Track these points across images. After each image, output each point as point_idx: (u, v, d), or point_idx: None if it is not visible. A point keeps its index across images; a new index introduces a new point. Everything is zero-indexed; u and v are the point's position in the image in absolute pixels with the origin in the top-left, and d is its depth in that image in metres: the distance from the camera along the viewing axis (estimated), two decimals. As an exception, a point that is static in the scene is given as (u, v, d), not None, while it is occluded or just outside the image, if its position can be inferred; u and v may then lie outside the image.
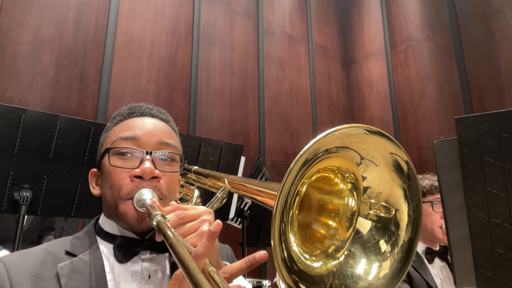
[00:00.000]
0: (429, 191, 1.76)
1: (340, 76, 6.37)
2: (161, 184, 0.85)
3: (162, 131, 0.91)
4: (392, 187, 0.78)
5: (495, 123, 0.83)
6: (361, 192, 0.82)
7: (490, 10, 4.67)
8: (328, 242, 0.81)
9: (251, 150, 4.79)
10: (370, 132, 0.73)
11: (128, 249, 0.83)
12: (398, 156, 0.77)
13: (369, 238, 0.80)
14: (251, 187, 0.93)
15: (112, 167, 0.84)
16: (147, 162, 0.83)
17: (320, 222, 0.84)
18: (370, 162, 0.78)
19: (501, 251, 0.82)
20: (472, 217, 0.85)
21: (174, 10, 4.60)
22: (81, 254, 0.81)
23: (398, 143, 0.76)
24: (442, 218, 1.71)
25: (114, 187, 0.84)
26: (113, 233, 0.87)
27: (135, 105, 0.95)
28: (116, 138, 0.88)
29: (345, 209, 0.82)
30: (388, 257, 0.78)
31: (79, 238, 0.87)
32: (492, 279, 0.83)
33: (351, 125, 0.70)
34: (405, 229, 0.78)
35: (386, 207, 0.79)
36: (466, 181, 0.86)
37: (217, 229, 0.65)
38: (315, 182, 0.82)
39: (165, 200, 0.86)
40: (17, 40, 3.50)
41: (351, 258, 0.79)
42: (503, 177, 0.82)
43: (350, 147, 0.76)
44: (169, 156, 0.88)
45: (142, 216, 0.82)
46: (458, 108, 4.77)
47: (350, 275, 0.77)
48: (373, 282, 0.76)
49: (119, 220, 0.85)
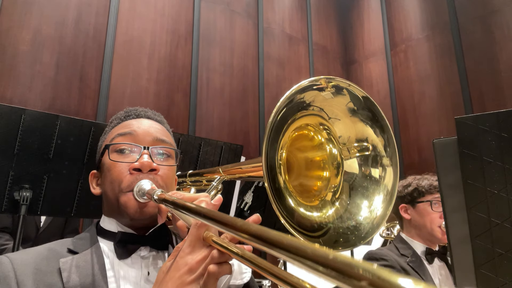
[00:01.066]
0: (428, 190, 1.76)
1: (340, 76, 6.36)
2: (158, 176, 0.89)
3: (157, 130, 0.96)
4: (355, 127, 0.90)
5: (495, 123, 0.83)
6: (337, 139, 0.92)
7: (490, 10, 4.67)
8: (324, 192, 0.90)
9: (251, 150, 4.79)
10: (334, 94, 0.86)
11: (128, 244, 0.85)
12: (349, 102, 0.88)
13: (362, 174, 0.89)
14: (243, 167, 1.00)
15: (112, 162, 0.89)
16: (145, 156, 0.88)
17: (312, 177, 0.93)
18: (334, 119, 0.90)
19: (501, 251, 0.82)
20: (472, 217, 0.85)
21: (174, 10, 4.60)
22: (82, 252, 0.84)
23: (352, 83, 0.87)
24: (441, 217, 1.71)
25: (114, 181, 0.87)
26: (113, 230, 0.89)
27: (131, 109, 1.01)
28: (114, 135, 0.93)
29: (330, 158, 0.92)
30: (384, 177, 0.87)
31: (80, 238, 0.90)
32: (492, 279, 0.83)
33: (322, 82, 0.83)
34: (381, 144, 0.88)
35: (361, 144, 0.90)
36: (466, 181, 0.86)
37: (219, 202, 0.73)
38: (295, 143, 0.91)
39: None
40: (17, 40, 3.50)
41: (350, 197, 0.88)
42: (503, 177, 0.82)
43: (322, 107, 0.88)
44: (165, 151, 0.94)
45: (143, 205, 0.85)
46: (458, 108, 4.77)
47: (351, 212, 0.86)
48: (370, 216, 0.84)
49: (120, 215, 0.88)
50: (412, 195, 1.80)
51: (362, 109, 0.88)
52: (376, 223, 0.83)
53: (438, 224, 1.71)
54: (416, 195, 1.79)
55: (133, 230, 0.89)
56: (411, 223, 1.80)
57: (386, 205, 0.85)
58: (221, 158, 2.17)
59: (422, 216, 1.75)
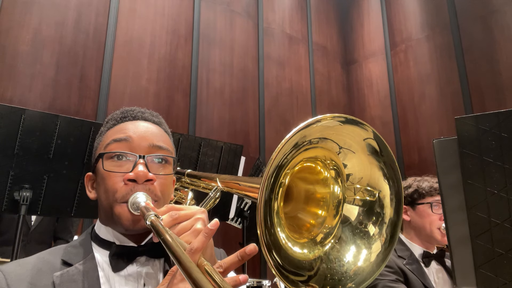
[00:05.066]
0: (428, 192, 1.76)
1: (340, 76, 6.37)
2: (154, 186, 0.86)
3: (154, 134, 0.92)
4: (371, 170, 0.83)
5: (495, 123, 0.83)
6: (344, 178, 0.85)
7: (490, 10, 4.67)
8: (316, 230, 0.84)
9: (251, 150, 4.78)
10: (344, 122, 0.78)
11: (124, 257, 0.84)
12: (370, 139, 0.81)
13: (357, 223, 0.83)
14: (241, 183, 0.95)
15: (106, 171, 0.86)
16: (140, 165, 0.84)
17: (308, 212, 0.87)
18: (348, 150, 0.83)
19: (501, 251, 0.82)
20: (472, 217, 0.85)
21: (174, 10, 4.60)
22: (76, 264, 0.82)
23: (365, 123, 0.80)
24: (441, 219, 1.71)
25: (108, 191, 0.85)
26: (108, 239, 0.87)
27: (128, 109, 0.96)
28: (109, 141, 0.89)
29: (332, 197, 0.86)
30: (377, 239, 0.81)
31: (75, 246, 0.88)
32: (492, 279, 0.83)
33: (325, 116, 0.76)
34: (389, 207, 0.82)
35: (370, 190, 0.84)
36: (466, 181, 0.86)
37: (215, 227, 0.68)
38: (299, 173, 0.85)
39: (159, 202, 0.87)
40: (17, 40, 3.50)
41: (339, 244, 0.82)
42: (503, 177, 0.82)
43: (328, 137, 0.81)
44: (162, 158, 0.90)
45: (137, 218, 0.83)
46: (458, 108, 4.77)
47: (338, 260, 0.80)
48: (361, 266, 0.79)
49: (114, 224, 0.86)
50: (412, 196, 1.80)
51: (382, 155, 0.81)
52: (359, 282, 0.77)
53: (437, 226, 1.71)
54: (416, 196, 1.78)
55: (129, 237, 0.87)
56: (410, 224, 1.80)
57: (374, 269, 0.78)
58: (221, 158, 2.17)
59: (422, 217, 1.75)
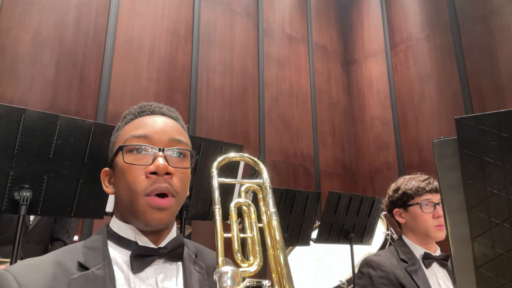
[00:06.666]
0: (416, 193, 1.75)
1: (340, 76, 6.37)
2: (173, 181, 0.86)
3: (173, 128, 0.92)
4: None
5: (495, 123, 0.83)
6: None
7: (490, 10, 4.67)
8: None
9: (251, 150, 4.79)
10: None
11: (144, 258, 0.83)
12: None
13: None
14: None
15: (126, 164, 0.86)
16: (160, 158, 0.85)
17: None
18: None
19: (501, 251, 0.82)
20: (472, 217, 0.85)
21: (174, 10, 4.61)
22: (93, 268, 0.81)
23: None
24: (433, 217, 1.71)
25: (130, 185, 0.85)
26: (129, 238, 0.87)
27: (145, 104, 0.97)
28: (128, 136, 0.89)
29: None
30: None
31: (91, 248, 0.86)
32: (492, 279, 0.83)
33: None
34: None
35: None
36: (466, 181, 0.86)
37: None
38: None
39: (178, 197, 0.87)
40: (17, 40, 3.50)
41: None
42: (503, 177, 0.82)
43: None
44: (181, 152, 0.91)
45: (159, 217, 0.84)
46: (458, 108, 4.77)
47: None
48: None
49: (135, 219, 0.86)
50: (402, 199, 1.79)
51: None
52: None
53: (432, 224, 1.70)
54: (405, 198, 1.78)
55: (148, 235, 0.87)
56: (407, 226, 1.80)
57: None
58: (221, 158, 2.17)
59: (414, 218, 1.75)
